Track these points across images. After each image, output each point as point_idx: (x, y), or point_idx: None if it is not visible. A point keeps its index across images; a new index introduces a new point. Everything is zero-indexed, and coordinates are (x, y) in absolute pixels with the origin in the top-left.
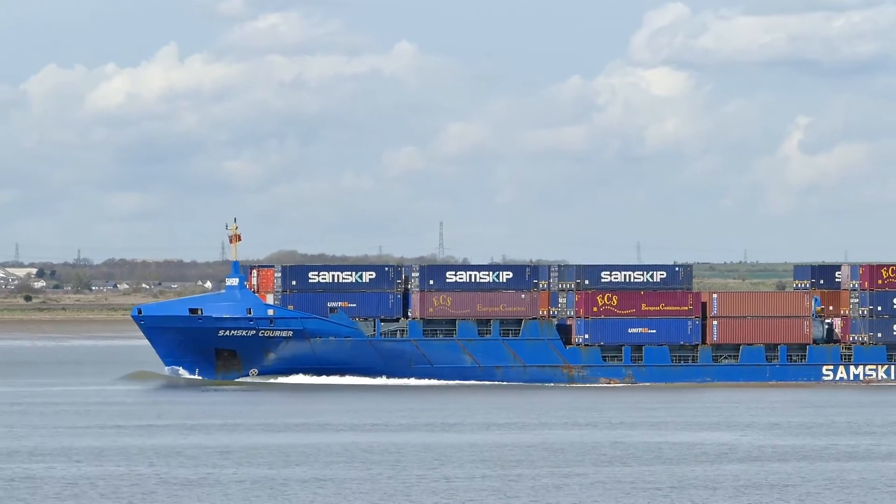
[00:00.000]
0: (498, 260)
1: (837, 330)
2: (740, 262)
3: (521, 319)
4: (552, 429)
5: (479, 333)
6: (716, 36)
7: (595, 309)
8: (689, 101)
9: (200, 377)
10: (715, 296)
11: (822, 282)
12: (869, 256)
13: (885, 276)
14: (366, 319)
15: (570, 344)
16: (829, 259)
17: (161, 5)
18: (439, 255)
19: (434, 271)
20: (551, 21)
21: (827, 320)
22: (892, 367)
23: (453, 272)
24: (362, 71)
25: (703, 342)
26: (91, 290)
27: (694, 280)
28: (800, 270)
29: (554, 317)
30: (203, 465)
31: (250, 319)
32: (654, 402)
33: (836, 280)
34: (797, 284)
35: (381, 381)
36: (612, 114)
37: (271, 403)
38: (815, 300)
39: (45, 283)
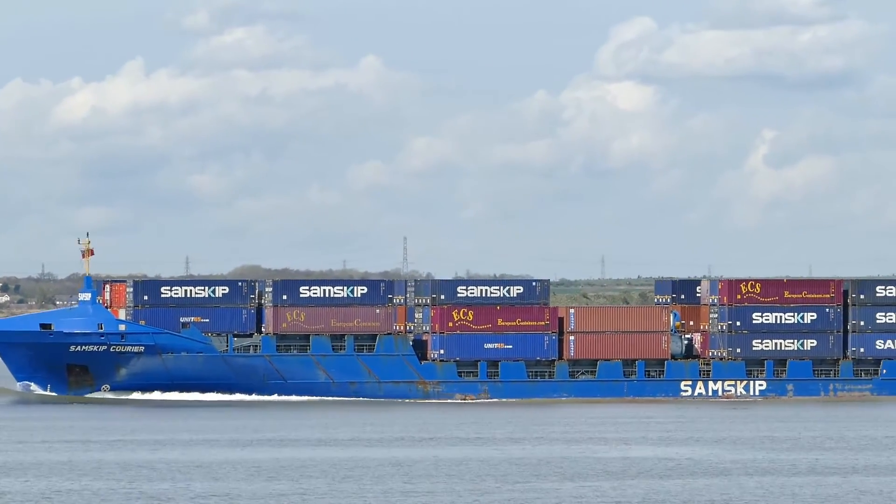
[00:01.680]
0: (462, 275)
1: (697, 345)
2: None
3: (376, 335)
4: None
5: (333, 349)
6: (681, 50)
7: (451, 324)
8: (654, 115)
9: (53, 392)
10: (572, 311)
11: (682, 297)
12: (833, 271)
13: (744, 291)
14: (219, 335)
15: (426, 359)
16: (795, 274)
17: (127, 20)
18: (403, 269)
19: (287, 286)
20: (517, 35)
21: (687, 335)
22: (752, 382)
23: (307, 287)
24: (328, 85)
25: (560, 358)
26: (55, 304)
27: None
28: (661, 285)
29: (411, 332)
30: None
31: (101, 335)
32: (504, 417)
33: (697, 295)
34: (658, 299)
35: (234, 397)
36: (577, 128)
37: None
38: (675, 315)
39: (8, 298)
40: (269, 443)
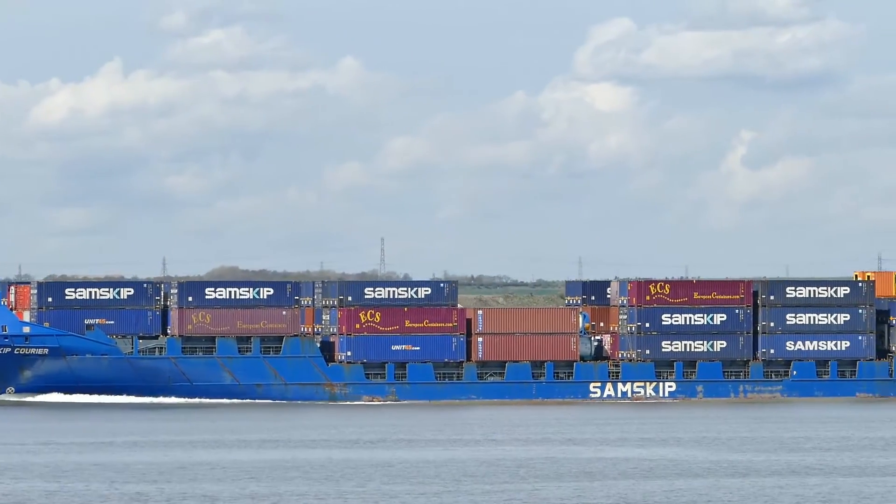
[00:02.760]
0: (440, 276)
1: (607, 347)
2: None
3: (283, 337)
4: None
5: (239, 351)
6: (659, 51)
7: (358, 326)
8: (632, 116)
9: None
10: (480, 312)
11: (593, 298)
12: (810, 271)
13: (653, 293)
14: (124, 337)
15: (333, 361)
16: (772, 274)
17: (105, 21)
18: (380, 270)
19: (193, 288)
20: (496, 36)
21: (597, 337)
22: (661, 384)
23: (213, 289)
24: (306, 86)
25: (469, 359)
26: None
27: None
28: (571, 286)
29: (318, 334)
30: None
31: (5, 337)
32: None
33: (607, 296)
34: (568, 301)
35: (139, 399)
36: (556, 129)
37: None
38: (584, 317)
39: None
40: (183, 445)
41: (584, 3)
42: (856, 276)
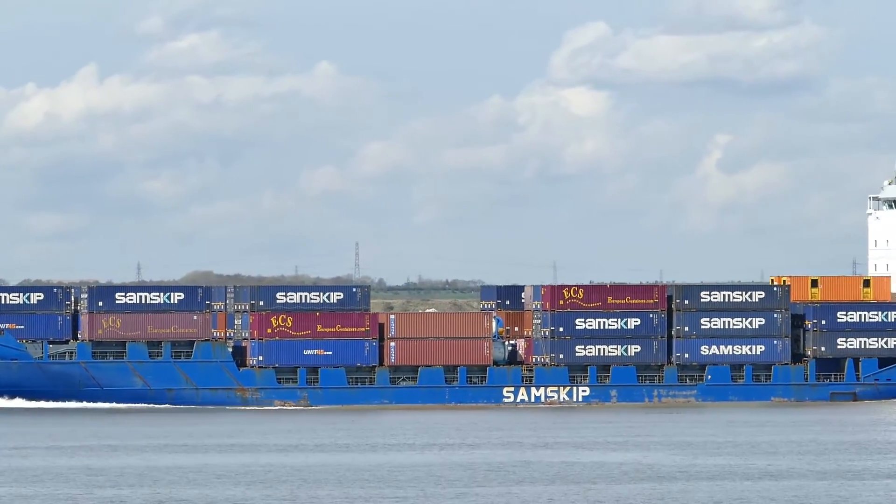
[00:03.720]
0: (414, 280)
1: (521, 351)
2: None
3: (194, 341)
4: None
5: (150, 355)
6: (635, 55)
7: (269, 330)
8: (608, 120)
9: None
10: (392, 317)
11: (507, 302)
12: (787, 274)
13: (566, 297)
14: (34, 341)
15: (245, 366)
16: (746, 279)
17: (81, 26)
18: (355, 275)
19: (103, 292)
20: (472, 40)
21: (511, 342)
22: (575, 388)
23: (123, 293)
24: (282, 91)
25: (381, 364)
26: None
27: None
28: (486, 291)
29: (230, 338)
30: None
31: None
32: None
33: (522, 301)
34: (483, 305)
35: (49, 404)
36: (531, 133)
37: None
38: (498, 321)
39: None
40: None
41: (560, 8)
42: (772, 280)
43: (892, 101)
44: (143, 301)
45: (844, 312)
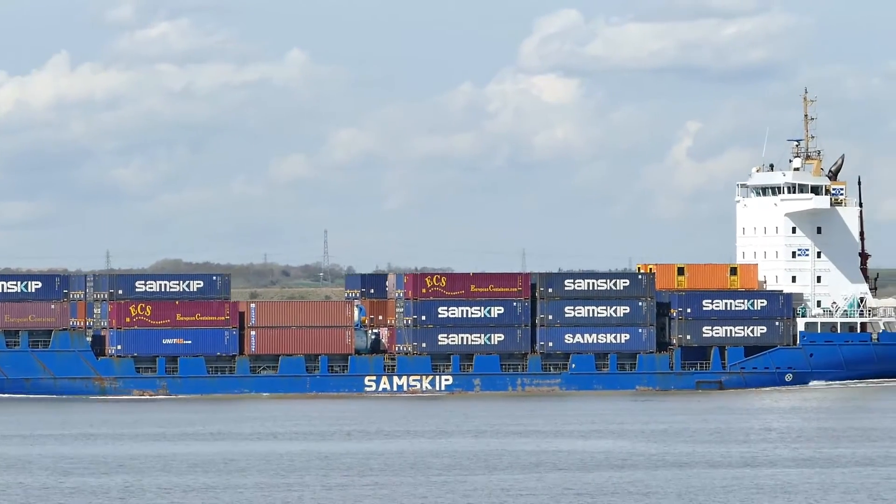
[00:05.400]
0: (384, 268)
1: (384, 340)
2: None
3: (52, 330)
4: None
5: (7, 345)
6: (606, 42)
7: (128, 319)
8: (579, 107)
9: None
10: (253, 305)
11: (372, 291)
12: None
13: (429, 286)
14: None
15: (104, 355)
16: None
17: (52, 13)
18: (324, 263)
19: None
20: (442, 27)
21: (374, 330)
22: (438, 377)
23: None
24: (252, 79)
25: (242, 353)
26: None
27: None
28: (350, 279)
29: (90, 328)
30: None
31: None
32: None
33: (386, 289)
34: (348, 294)
35: None
36: (502, 121)
37: None
38: (360, 310)
39: None
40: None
41: None
42: (638, 268)
43: (862, 89)
44: (1, 290)
45: (710, 301)
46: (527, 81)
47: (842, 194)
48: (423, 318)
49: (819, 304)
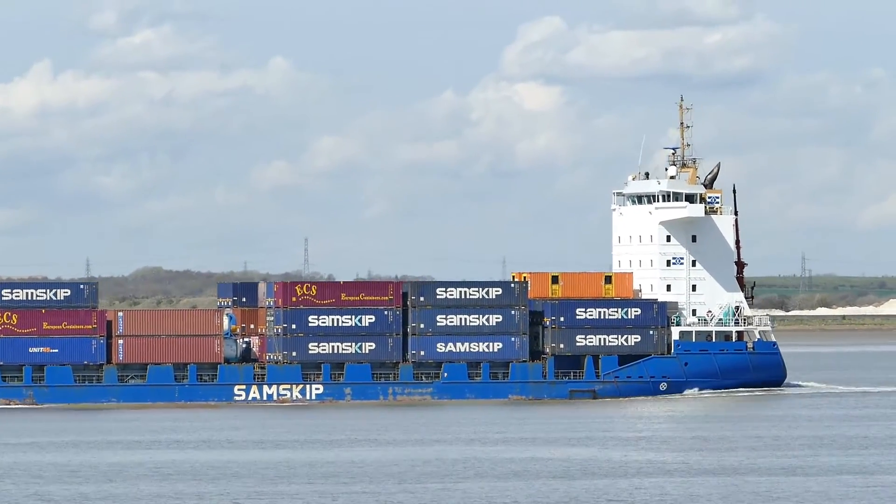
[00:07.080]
0: (363, 276)
1: (255, 349)
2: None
3: None
4: None
5: None
6: (588, 50)
7: None
8: (561, 115)
9: None
10: (121, 314)
11: (244, 299)
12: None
13: (299, 294)
14: None
15: None
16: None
17: (35, 21)
18: (304, 271)
19: None
20: (425, 35)
21: (245, 339)
22: (308, 386)
23: None
24: (235, 87)
25: (109, 362)
26: None
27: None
28: (222, 287)
29: None
30: None
31: None
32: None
33: (258, 297)
34: (220, 302)
35: None
36: (484, 128)
37: None
38: (230, 318)
39: None
40: None
41: (516, 2)
42: (513, 276)
43: (844, 97)
44: None
45: (584, 309)
46: (509, 89)
47: (717, 203)
48: (294, 326)
49: (694, 312)
